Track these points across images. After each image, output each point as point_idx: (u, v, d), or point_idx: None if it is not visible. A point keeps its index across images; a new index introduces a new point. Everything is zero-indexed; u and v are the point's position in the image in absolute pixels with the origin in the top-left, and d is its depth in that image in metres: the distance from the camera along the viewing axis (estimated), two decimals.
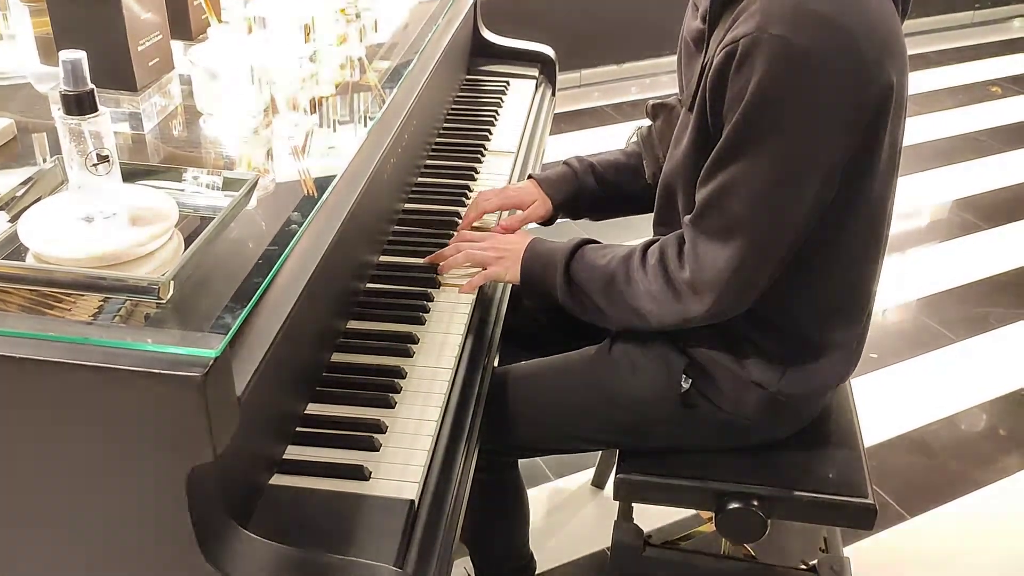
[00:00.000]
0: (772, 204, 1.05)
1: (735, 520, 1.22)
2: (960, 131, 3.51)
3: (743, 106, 1.01)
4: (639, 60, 3.95)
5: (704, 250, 1.08)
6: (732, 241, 1.06)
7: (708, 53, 1.10)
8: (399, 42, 1.57)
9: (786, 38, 0.97)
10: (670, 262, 1.12)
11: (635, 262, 1.16)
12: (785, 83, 0.99)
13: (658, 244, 1.15)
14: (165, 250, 0.90)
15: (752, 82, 0.99)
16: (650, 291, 1.14)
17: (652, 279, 1.13)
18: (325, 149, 1.24)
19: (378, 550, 0.88)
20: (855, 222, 1.11)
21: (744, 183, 1.04)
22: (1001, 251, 2.78)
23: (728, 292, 1.08)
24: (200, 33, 1.35)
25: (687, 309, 1.12)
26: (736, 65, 1.01)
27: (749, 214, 1.05)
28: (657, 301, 1.13)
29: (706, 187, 1.08)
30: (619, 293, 1.16)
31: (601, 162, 1.44)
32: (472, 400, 1.14)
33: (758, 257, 1.07)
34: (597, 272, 1.18)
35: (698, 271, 1.09)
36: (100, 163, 0.85)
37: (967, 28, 4.59)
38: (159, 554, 0.82)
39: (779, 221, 1.06)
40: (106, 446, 0.79)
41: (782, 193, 1.04)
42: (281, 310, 0.89)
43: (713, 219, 1.07)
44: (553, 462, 1.95)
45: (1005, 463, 1.99)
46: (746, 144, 1.03)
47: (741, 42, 1.00)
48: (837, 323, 1.18)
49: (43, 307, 0.82)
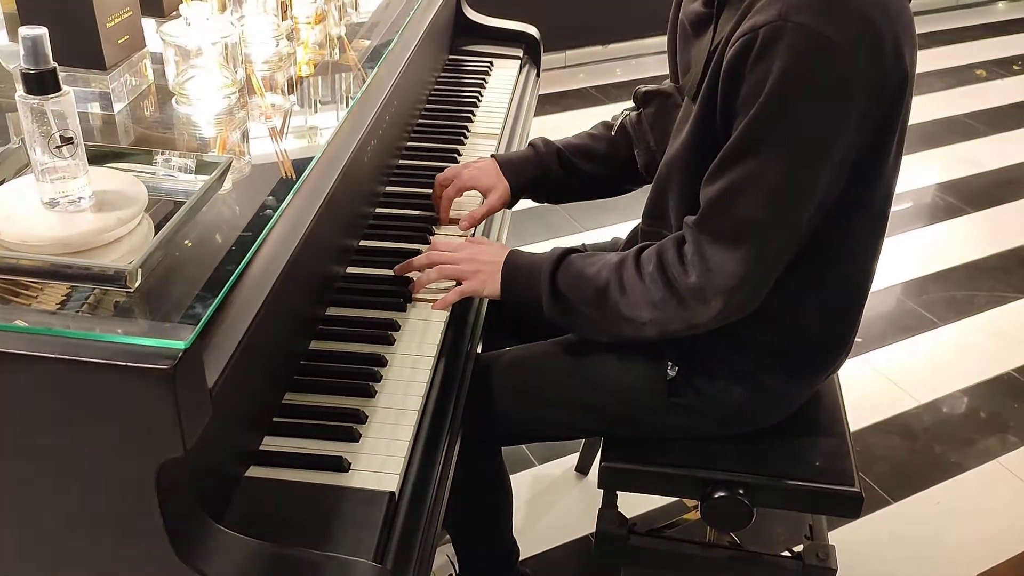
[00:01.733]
0: (785, 203, 1.00)
1: (721, 508, 1.21)
2: (945, 114, 3.51)
3: (762, 98, 0.96)
4: (624, 41, 3.91)
5: (712, 253, 1.03)
6: (742, 243, 1.01)
7: (716, 39, 1.06)
8: (380, 21, 1.54)
9: (811, 27, 0.93)
10: (671, 267, 1.06)
11: (629, 269, 1.10)
12: (809, 74, 0.95)
13: (654, 249, 1.10)
14: (134, 236, 0.86)
15: (773, 73, 0.95)
16: (650, 299, 1.08)
17: (652, 286, 1.08)
18: (303, 130, 1.21)
19: (357, 544, 0.86)
20: (863, 215, 1.09)
21: (756, 182, 0.99)
22: (985, 235, 2.78)
23: (739, 296, 1.04)
24: (172, 10, 1.31)
25: (694, 315, 1.06)
26: (756, 55, 0.96)
27: (761, 214, 1.00)
28: (659, 309, 1.07)
29: (713, 186, 1.03)
30: (613, 303, 1.10)
31: (567, 146, 1.40)
32: (454, 388, 1.12)
33: (770, 258, 1.03)
34: (587, 282, 1.12)
35: (706, 276, 1.03)
36: (64, 145, 0.82)
37: (952, 11, 4.58)
38: (130, 552, 0.80)
39: (791, 220, 1.02)
40: (72, 441, 0.76)
41: (796, 191, 1.00)
42: (255, 299, 0.86)
43: (721, 220, 1.02)
44: (537, 448, 1.94)
45: (987, 447, 2.00)
46: (760, 140, 0.98)
47: (761, 31, 0.95)
48: (836, 316, 1.16)
49: (6, 295, 0.79)
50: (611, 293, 1.10)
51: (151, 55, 1.20)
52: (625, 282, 1.10)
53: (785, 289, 1.09)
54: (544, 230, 2.69)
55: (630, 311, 1.10)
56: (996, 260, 2.66)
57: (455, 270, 1.19)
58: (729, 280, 1.03)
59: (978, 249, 2.70)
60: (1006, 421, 2.07)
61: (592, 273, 1.12)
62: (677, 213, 1.16)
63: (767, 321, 1.13)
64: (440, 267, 1.20)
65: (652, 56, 3.89)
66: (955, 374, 2.21)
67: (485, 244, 1.24)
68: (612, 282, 1.10)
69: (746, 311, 1.07)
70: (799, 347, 1.16)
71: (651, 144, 1.26)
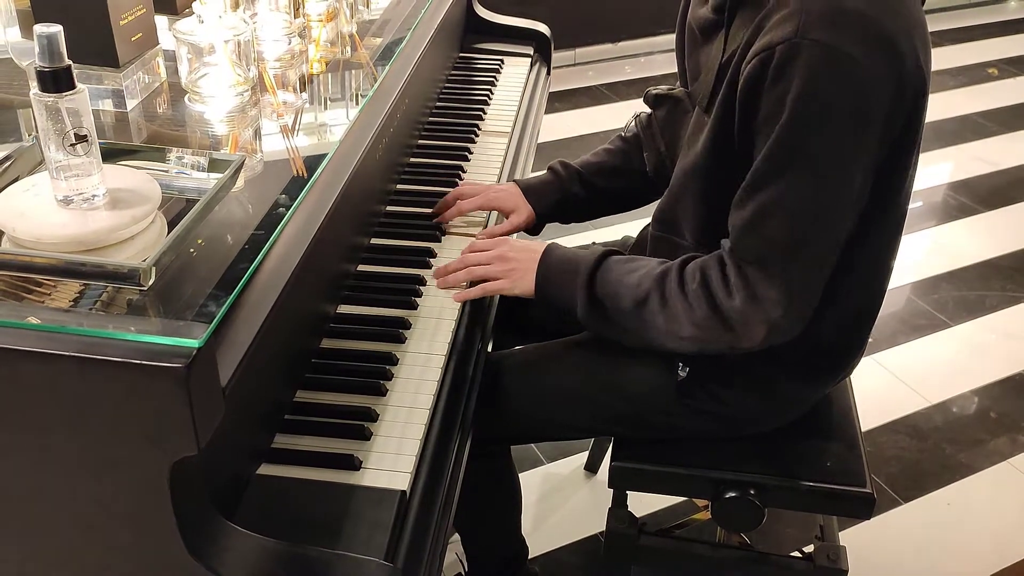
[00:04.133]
0: (820, 221, 0.99)
1: (732, 509, 1.20)
2: (957, 113, 3.49)
3: (784, 118, 0.95)
4: (634, 39, 3.90)
5: (755, 278, 1.01)
6: (781, 265, 1.00)
7: (728, 50, 1.05)
8: (391, 19, 1.54)
9: (828, 43, 0.92)
10: (715, 287, 1.04)
11: (672, 284, 1.07)
12: (829, 91, 0.93)
13: (697, 265, 1.07)
14: (147, 234, 0.86)
15: (792, 92, 0.94)
16: (692, 318, 1.05)
17: (695, 304, 1.05)
18: (315, 128, 1.21)
19: (368, 543, 0.86)
20: (883, 223, 1.08)
21: (787, 203, 0.98)
22: (997, 234, 2.76)
23: (786, 322, 1.02)
24: (185, 7, 1.31)
25: (737, 340, 1.04)
26: (773, 74, 0.95)
27: (797, 236, 0.99)
28: (700, 328, 1.05)
29: (743, 210, 1.01)
30: (652, 315, 1.07)
31: (586, 165, 1.38)
32: (465, 387, 1.12)
33: (812, 279, 1.01)
34: (626, 291, 1.09)
35: (751, 302, 1.01)
36: (78, 142, 0.82)
37: (964, 9, 4.55)
38: (143, 549, 0.80)
39: (828, 237, 1.00)
40: (85, 439, 0.76)
41: (828, 207, 0.99)
42: (268, 297, 0.86)
43: (756, 243, 1.01)
44: (546, 447, 1.93)
45: (998, 447, 1.99)
46: (786, 161, 0.97)
47: (778, 49, 0.94)
48: (853, 322, 1.15)
49: (20, 293, 0.79)
50: (651, 305, 1.07)
51: (164, 52, 1.21)
52: (667, 295, 1.07)
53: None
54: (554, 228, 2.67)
55: (669, 325, 1.07)
56: (1008, 260, 2.64)
57: (484, 270, 1.18)
58: (774, 308, 1.01)
59: (990, 249, 2.68)
60: (1017, 422, 2.06)
61: (632, 282, 1.09)
62: (691, 223, 1.16)
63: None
64: (469, 269, 1.18)
65: (662, 54, 3.88)
66: (966, 374, 2.20)
67: (518, 240, 1.22)
68: (653, 294, 1.07)
69: (794, 333, 1.05)
70: (813, 353, 1.16)
71: (661, 147, 1.25)
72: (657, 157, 1.26)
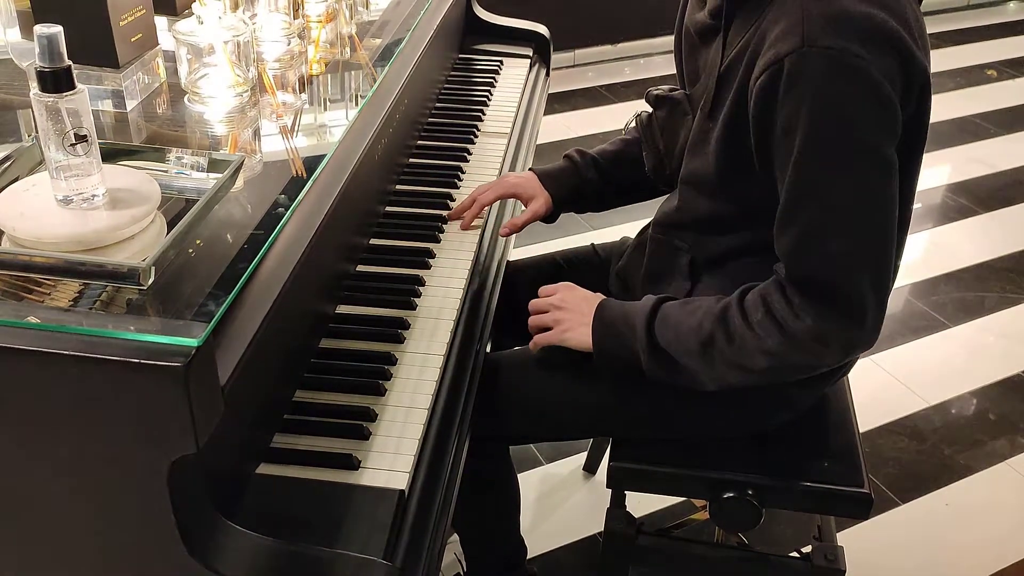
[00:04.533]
0: (864, 223, 0.98)
1: (730, 509, 1.21)
2: (956, 115, 3.49)
3: (804, 130, 0.94)
4: (634, 40, 3.91)
5: (819, 297, 0.99)
6: (841, 279, 0.99)
7: (728, 56, 1.05)
8: (390, 19, 1.54)
9: (836, 47, 0.92)
10: (781, 313, 1.01)
11: (735, 319, 1.05)
12: (844, 93, 0.93)
13: (758, 295, 1.04)
14: (147, 234, 0.87)
15: (807, 102, 0.93)
16: (764, 348, 1.03)
17: (763, 334, 1.03)
18: (314, 129, 1.21)
19: (367, 542, 0.86)
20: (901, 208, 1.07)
21: (829, 217, 0.97)
22: (996, 236, 2.76)
23: (859, 333, 1.01)
24: (185, 8, 1.31)
25: (819, 358, 1.03)
26: (785, 86, 0.95)
27: (848, 244, 0.98)
28: (776, 356, 1.03)
29: (787, 234, 1.00)
30: (719, 353, 1.06)
31: (603, 153, 1.40)
32: (464, 387, 1.12)
33: (879, 281, 1.00)
34: (688, 334, 1.07)
35: (822, 320, 1.00)
36: (78, 142, 0.82)
37: (962, 11, 4.56)
38: (142, 549, 0.80)
39: (882, 236, 0.99)
40: (84, 438, 0.76)
41: (869, 207, 0.98)
42: (267, 297, 0.86)
43: (811, 265, 0.99)
44: (544, 447, 1.94)
45: (997, 448, 1.99)
46: (817, 175, 0.96)
47: (786, 60, 0.94)
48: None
49: (19, 292, 0.80)
50: (717, 344, 1.06)
51: (164, 53, 1.21)
52: (732, 331, 1.05)
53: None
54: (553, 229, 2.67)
55: (739, 359, 1.05)
56: (1006, 261, 2.65)
57: (538, 319, 1.20)
58: (848, 324, 1.00)
59: (988, 250, 2.69)
60: (1016, 423, 2.06)
61: (693, 325, 1.07)
62: (694, 229, 1.16)
63: None
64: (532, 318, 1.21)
65: (661, 55, 3.88)
66: (965, 375, 2.20)
67: (578, 290, 1.21)
68: (717, 332, 1.05)
69: (873, 342, 1.04)
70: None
71: (660, 147, 1.25)
72: (656, 157, 1.26)
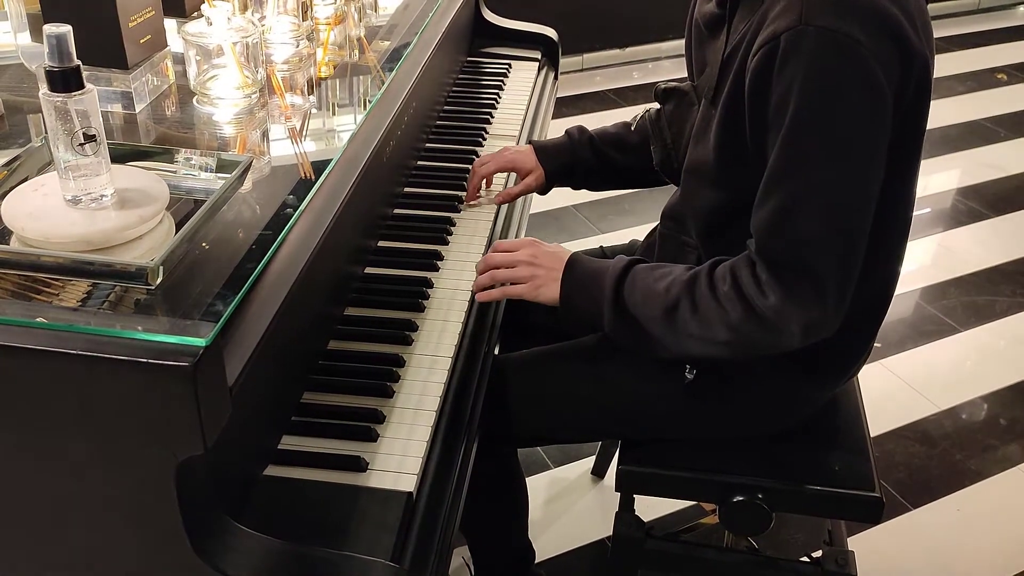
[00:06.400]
0: (842, 208, 0.98)
1: (739, 513, 1.20)
2: (966, 118, 3.48)
3: (793, 109, 0.94)
4: (642, 44, 3.91)
5: (787, 276, 0.99)
6: (811, 260, 0.98)
7: (730, 42, 1.05)
8: (399, 22, 1.54)
9: (832, 28, 0.92)
10: (748, 288, 1.01)
11: (702, 288, 1.04)
12: (837, 75, 0.93)
13: (727, 268, 1.04)
14: (155, 234, 0.87)
15: (799, 80, 0.93)
16: (726, 320, 1.02)
17: (729, 307, 1.02)
18: (322, 131, 1.21)
19: (374, 544, 0.86)
20: (897, 208, 1.07)
21: (808, 196, 0.97)
22: (1006, 239, 2.75)
23: (823, 318, 1.00)
24: (194, 10, 1.32)
25: (777, 339, 1.02)
26: (780, 63, 0.94)
27: (822, 226, 0.97)
28: (736, 331, 1.02)
29: (764, 209, 1.00)
30: (684, 322, 1.05)
31: (601, 135, 1.42)
32: (472, 389, 1.11)
33: (842, 267, 1.00)
34: (655, 299, 1.07)
35: (786, 301, 0.99)
36: (87, 142, 0.82)
37: (973, 14, 4.55)
38: (149, 549, 0.80)
39: (855, 227, 0.99)
40: (92, 437, 0.76)
41: (849, 194, 0.97)
42: (275, 297, 0.86)
43: (783, 242, 0.99)
44: (552, 451, 1.93)
45: (1008, 454, 1.98)
46: (801, 152, 0.96)
47: (783, 37, 0.94)
48: (861, 320, 1.15)
49: (28, 292, 0.80)
50: (682, 311, 1.05)
51: (173, 55, 1.21)
52: (698, 300, 1.04)
53: None
54: (560, 232, 2.68)
55: (702, 331, 1.05)
56: (1017, 265, 2.63)
57: (509, 273, 1.16)
58: (813, 306, 0.99)
59: (999, 254, 2.67)
60: None
61: (660, 290, 1.07)
62: (698, 220, 1.15)
63: None
64: (492, 272, 1.17)
65: (669, 59, 3.88)
66: (975, 380, 2.18)
67: (544, 245, 1.19)
68: (683, 300, 1.05)
69: (834, 328, 1.03)
70: (820, 352, 1.15)
71: (667, 141, 1.25)
72: (664, 150, 1.26)
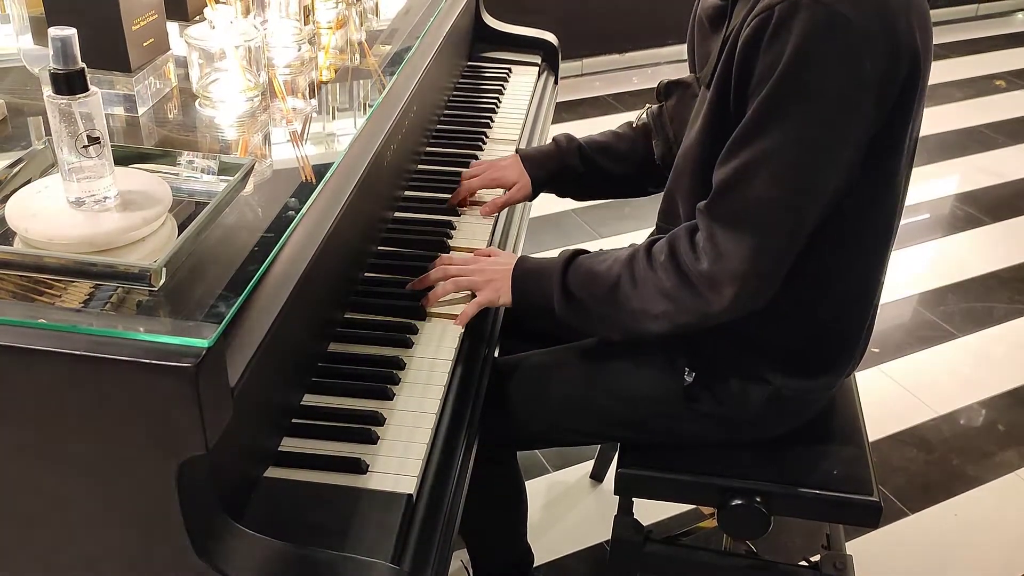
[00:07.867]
0: (799, 183, 0.98)
1: (737, 516, 1.20)
2: (964, 125, 3.49)
3: (776, 76, 0.95)
4: (641, 50, 3.91)
5: (723, 238, 1.01)
6: (754, 226, 0.99)
7: (731, 26, 1.05)
8: (400, 27, 1.55)
9: (826, 4, 0.93)
10: (683, 255, 1.04)
11: (640, 262, 1.08)
12: (824, 51, 0.94)
13: (665, 240, 1.08)
14: (158, 236, 0.87)
15: (787, 50, 0.94)
16: (662, 289, 1.06)
17: (663, 275, 1.05)
18: (324, 135, 1.22)
19: (375, 546, 0.86)
20: (878, 210, 1.07)
21: (768, 161, 0.97)
22: (1004, 246, 2.76)
23: (751, 284, 1.02)
24: (197, 13, 1.32)
25: (707, 305, 1.04)
26: (771, 34, 0.95)
27: (773, 195, 0.98)
28: (672, 299, 1.05)
29: (725, 167, 1.01)
30: (625, 298, 1.08)
31: (590, 143, 1.42)
32: (472, 392, 1.12)
33: (782, 242, 1.01)
34: (598, 279, 1.11)
35: (717, 261, 1.01)
36: (91, 145, 0.83)
37: (971, 21, 4.56)
38: (150, 550, 0.80)
39: (804, 204, 0.99)
40: (94, 438, 0.76)
41: (809, 171, 0.98)
42: (277, 299, 0.86)
43: (732, 202, 1.00)
44: (551, 454, 1.93)
45: (1006, 459, 1.98)
46: (773, 118, 0.97)
47: (777, 8, 0.95)
48: (850, 317, 1.15)
49: (31, 293, 0.80)
50: (623, 287, 1.09)
51: (175, 58, 1.22)
52: (636, 274, 1.08)
53: (800, 287, 1.08)
54: (560, 237, 2.69)
55: (642, 303, 1.07)
56: (1015, 271, 2.64)
57: (469, 281, 1.19)
58: (740, 265, 1.00)
59: (997, 260, 2.68)
60: None
61: (603, 270, 1.11)
62: (687, 204, 1.15)
63: (781, 321, 1.12)
64: (454, 279, 1.19)
65: (668, 65, 3.89)
66: (973, 385, 2.19)
67: (495, 254, 1.24)
68: (624, 276, 1.09)
69: (760, 301, 1.04)
70: (814, 348, 1.16)
71: (670, 135, 1.26)
72: (666, 144, 1.27)
